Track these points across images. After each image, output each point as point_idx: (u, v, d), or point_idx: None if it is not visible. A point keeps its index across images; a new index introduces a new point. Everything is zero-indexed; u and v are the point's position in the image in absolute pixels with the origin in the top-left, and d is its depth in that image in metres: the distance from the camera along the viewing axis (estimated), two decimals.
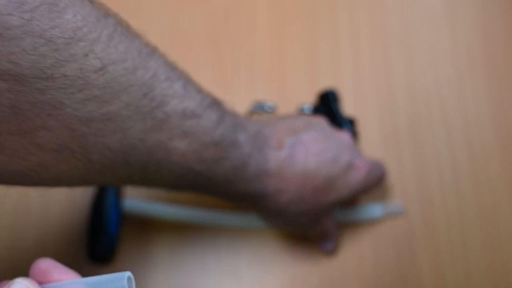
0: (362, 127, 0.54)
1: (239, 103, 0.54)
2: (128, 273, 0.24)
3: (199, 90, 0.32)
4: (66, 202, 0.49)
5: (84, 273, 0.37)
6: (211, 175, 0.32)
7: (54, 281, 0.25)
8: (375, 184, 0.44)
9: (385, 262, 0.49)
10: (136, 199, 0.48)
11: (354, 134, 0.51)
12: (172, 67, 0.30)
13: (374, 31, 0.59)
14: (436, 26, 0.60)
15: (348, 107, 0.55)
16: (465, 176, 0.52)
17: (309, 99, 0.55)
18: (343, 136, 0.43)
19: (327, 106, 0.53)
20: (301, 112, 0.53)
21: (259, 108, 0.53)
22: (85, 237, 0.47)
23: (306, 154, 0.38)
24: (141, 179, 0.30)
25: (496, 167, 0.53)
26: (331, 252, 0.47)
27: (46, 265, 0.25)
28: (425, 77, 0.57)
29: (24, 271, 0.26)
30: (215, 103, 0.33)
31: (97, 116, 0.24)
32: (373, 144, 0.53)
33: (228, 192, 0.35)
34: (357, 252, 0.49)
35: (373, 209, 0.49)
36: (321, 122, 0.43)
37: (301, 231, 0.45)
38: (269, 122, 0.40)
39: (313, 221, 0.41)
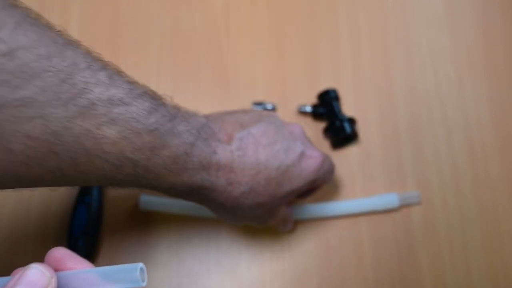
0: (362, 127, 0.54)
1: (239, 104, 0.54)
2: (140, 264, 0.23)
3: (130, 82, 0.30)
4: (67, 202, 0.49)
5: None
6: (151, 165, 0.31)
7: (68, 269, 0.25)
8: (328, 175, 0.44)
9: (385, 262, 0.49)
10: (150, 195, 0.49)
11: (354, 134, 0.51)
12: (95, 58, 0.29)
13: (374, 31, 0.59)
14: (436, 26, 0.60)
15: (348, 107, 0.55)
16: (465, 176, 0.53)
17: (309, 99, 0.55)
18: (294, 127, 0.43)
19: (328, 104, 0.53)
20: (300, 112, 0.54)
21: (259, 108, 0.54)
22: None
23: (257, 147, 0.38)
24: (73, 171, 0.29)
25: (496, 167, 0.53)
26: (290, 229, 0.48)
27: (61, 254, 0.26)
28: (425, 77, 0.57)
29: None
30: (149, 94, 0.32)
31: (10, 101, 0.24)
32: (373, 144, 0.53)
33: (175, 184, 0.34)
34: (357, 252, 0.49)
35: (389, 198, 0.49)
36: (272, 115, 0.43)
37: (259, 223, 0.44)
38: (217, 117, 0.40)
39: (269, 212, 0.41)
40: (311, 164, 0.41)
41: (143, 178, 0.32)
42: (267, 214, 0.41)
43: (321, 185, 0.45)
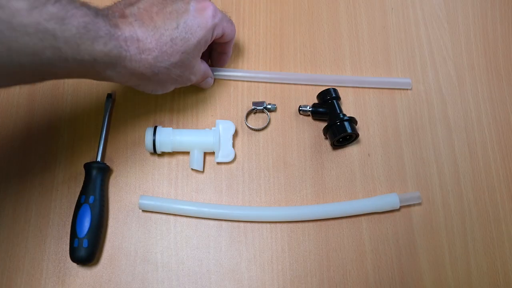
0: (362, 127, 0.54)
1: (240, 104, 0.54)
2: None
3: None
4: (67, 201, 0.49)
5: (78, 274, 0.37)
6: (67, 36, 0.34)
7: None
8: (226, 23, 0.48)
9: (385, 262, 0.49)
10: (150, 196, 0.50)
11: (354, 134, 0.51)
12: None
13: (374, 31, 0.59)
14: (436, 26, 0.60)
15: (348, 107, 0.55)
16: (465, 176, 0.53)
17: (309, 99, 0.55)
18: None
19: (328, 104, 0.53)
20: (300, 112, 0.54)
21: (259, 108, 0.53)
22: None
23: (150, 16, 0.42)
24: (4, 48, 0.32)
25: (496, 167, 0.53)
26: (211, 85, 0.54)
27: None
28: (425, 77, 0.57)
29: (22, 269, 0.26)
30: None
31: None
32: (373, 144, 0.53)
33: (96, 56, 0.37)
34: (357, 252, 0.49)
35: (390, 199, 0.49)
36: None
37: (185, 83, 0.48)
38: (103, 7, 0.42)
39: (188, 69, 0.46)
40: (204, 13, 0.45)
41: (68, 51, 0.35)
42: (187, 71, 0.46)
43: (227, 36, 0.49)
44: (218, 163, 0.52)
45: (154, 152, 0.50)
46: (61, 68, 0.36)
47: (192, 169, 0.51)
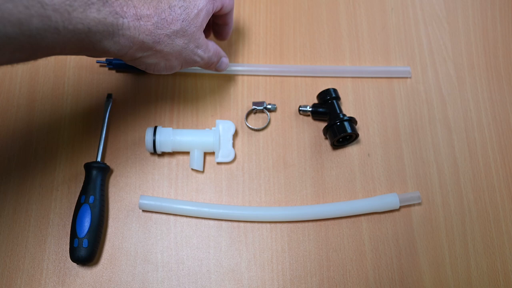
0: (362, 127, 0.54)
1: (240, 104, 0.54)
2: None
3: None
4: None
5: (78, 274, 0.37)
6: (56, 3, 0.33)
7: None
8: None
9: (385, 262, 0.49)
10: (150, 196, 0.49)
11: (354, 134, 0.51)
12: None
13: (374, 31, 0.59)
14: (436, 26, 0.60)
15: (348, 107, 0.55)
16: (465, 176, 0.53)
17: (309, 99, 0.55)
18: None
19: (328, 104, 0.53)
20: (300, 112, 0.54)
21: (259, 108, 0.54)
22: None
23: None
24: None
25: (496, 167, 0.53)
26: (228, 65, 0.51)
27: None
28: (425, 77, 0.57)
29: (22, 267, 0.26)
30: None
31: None
32: (373, 144, 0.53)
33: (89, 24, 0.35)
34: (357, 252, 0.49)
35: (390, 199, 0.49)
36: None
37: (196, 61, 0.46)
38: None
39: (193, 41, 0.44)
40: None
41: (59, 20, 0.33)
42: (191, 43, 0.44)
43: (226, 8, 0.47)
44: (218, 163, 0.52)
45: (154, 152, 0.50)
46: (53, 41, 0.34)
47: (192, 169, 0.51)
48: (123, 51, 0.40)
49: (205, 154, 0.52)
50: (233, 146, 0.52)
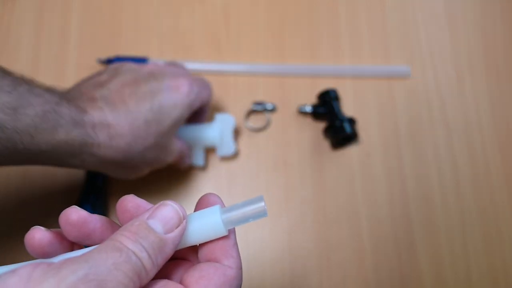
0: (362, 127, 0.54)
1: (240, 103, 0.54)
2: (262, 196, 0.25)
3: None
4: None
5: None
6: (20, 126, 0.32)
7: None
8: (204, 93, 0.45)
9: (385, 262, 0.49)
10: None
11: (354, 134, 0.51)
12: None
13: (374, 31, 0.59)
14: (436, 26, 0.60)
15: (348, 107, 0.55)
16: (465, 176, 0.53)
17: (309, 99, 0.55)
18: (150, 66, 0.44)
19: (328, 104, 0.53)
20: (300, 112, 0.54)
21: (259, 108, 0.54)
22: None
23: (123, 98, 0.39)
24: None
25: (496, 167, 0.53)
26: (189, 164, 0.49)
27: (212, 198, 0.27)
28: (425, 77, 0.57)
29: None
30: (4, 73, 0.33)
31: None
32: (373, 144, 0.53)
33: (56, 144, 0.34)
34: (357, 252, 0.49)
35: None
36: (125, 65, 0.43)
37: (160, 165, 0.44)
38: (74, 88, 0.40)
39: (163, 151, 0.42)
40: (180, 91, 0.41)
41: (19, 142, 0.32)
42: (162, 153, 0.42)
43: (205, 105, 0.46)
44: (221, 158, 0.51)
45: None
46: (14, 159, 0.33)
47: (193, 166, 0.51)
48: (91, 166, 0.39)
49: (208, 151, 0.52)
50: (235, 139, 0.51)
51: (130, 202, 0.25)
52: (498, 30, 0.60)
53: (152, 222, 0.23)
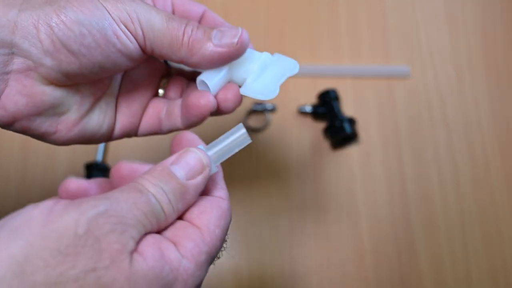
0: (362, 127, 0.54)
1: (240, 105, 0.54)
2: (241, 124, 0.26)
3: None
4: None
5: None
6: None
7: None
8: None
9: (385, 262, 0.49)
10: None
11: (354, 134, 0.51)
12: None
13: (374, 31, 0.59)
14: (436, 26, 0.60)
15: (348, 107, 0.55)
16: (465, 176, 0.53)
17: (309, 99, 0.55)
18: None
19: (328, 104, 0.53)
20: (300, 112, 0.53)
21: (259, 108, 0.54)
22: None
23: None
24: None
25: (496, 167, 0.53)
26: None
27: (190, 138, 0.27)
28: (425, 77, 0.57)
29: None
30: None
31: None
32: (373, 144, 0.53)
33: None
34: (357, 252, 0.49)
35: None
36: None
37: None
38: None
39: None
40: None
41: None
42: None
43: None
44: (243, 95, 0.33)
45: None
46: None
47: (199, 82, 0.34)
48: None
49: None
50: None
51: (124, 169, 0.25)
52: (498, 30, 0.60)
53: (175, 168, 0.23)
